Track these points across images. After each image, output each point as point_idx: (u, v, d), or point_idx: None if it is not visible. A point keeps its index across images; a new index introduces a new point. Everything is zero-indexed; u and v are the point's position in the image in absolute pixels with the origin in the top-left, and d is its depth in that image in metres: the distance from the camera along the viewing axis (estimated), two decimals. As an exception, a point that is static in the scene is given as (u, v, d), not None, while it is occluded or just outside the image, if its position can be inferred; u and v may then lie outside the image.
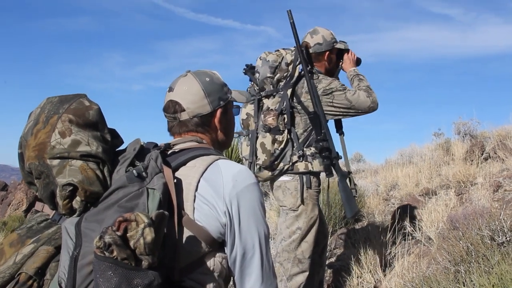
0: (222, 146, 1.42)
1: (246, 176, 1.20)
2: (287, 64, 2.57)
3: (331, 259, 3.72)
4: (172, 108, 1.32)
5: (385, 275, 2.97)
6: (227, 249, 1.18)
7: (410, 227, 3.41)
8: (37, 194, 1.15)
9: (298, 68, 2.57)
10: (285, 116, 2.52)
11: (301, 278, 2.53)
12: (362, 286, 2.96)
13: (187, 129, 1.33)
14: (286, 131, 2.51)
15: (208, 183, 1.16)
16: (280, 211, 2.71)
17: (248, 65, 2.74)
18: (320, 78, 2.59)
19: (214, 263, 1.16)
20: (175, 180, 1.15)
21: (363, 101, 2.55)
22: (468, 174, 4.39)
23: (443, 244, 2.46)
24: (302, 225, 2.52)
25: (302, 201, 2.52)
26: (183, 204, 1.14)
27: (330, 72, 2.74)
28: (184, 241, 1.12)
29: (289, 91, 2.54)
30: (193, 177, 1.17)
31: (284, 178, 2.56)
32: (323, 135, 2.46)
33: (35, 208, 1.29)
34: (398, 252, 3.07)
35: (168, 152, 1.27)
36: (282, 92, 2.56)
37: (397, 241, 3.29)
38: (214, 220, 1.15)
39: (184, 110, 1.31)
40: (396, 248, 3.26)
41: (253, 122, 2.63)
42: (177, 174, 1.18)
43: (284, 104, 2.53)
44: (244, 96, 1.46)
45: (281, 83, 2.59)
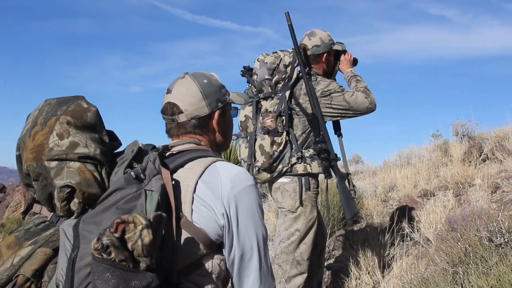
0: (220, 148, 1.42)
1: (244, 178, 1.20)
2: (285, 66, 2.57)
3: (330, 261, 3.72)
4: (170, 110, 1.32)
5: (383, 276, 2.97)
6: (225, 251, 1.18)
7: (408, 229, 3.41)
8: (35, 196, 1.15)
9: (296, 70, 2.57)
10: (284, 118, 2.52)
11: (299, 280, 2.53)
12: (361, 287, 2.97)
13: (185, 131, 1.33)
14: (285, 133, 2.51)
15: (206, 185, 1.16)
16: (278, 213, 2.71)
17: (246, 67, 2.74)
18: (318, 80, 2.59)
19: (212, 265, 1.16)
20: (173, 182, 1.15)
21: (361, 102, 2.56)
22: (466, 176, 4.39)
23: (441, 245, 2.46)
24: (300, 226, 2.52)
25: (301, 203, 2.52)
26: (181, 206, 1.14)
27: (328, 74, 2.75)
28: (182, 242, 1.12)
29: (287, 93, 2.54)
30: (191, 179, 1.17)
31: (282, 180, 2.56)
32: (321, 136, 2.46)
33: (33, 210, 1.29)
34: (396, 254, 3.07)
35: (166, 154, 1.27)
36: (280, 94, 2.56)
37: (396, 242, 3.30)
38: (212, 222, 1.15)
39: (182, 112, 1.31)
40: (394, 249, 3.26)
41: (251, 124, 2.63)
42: (175, 176, 1.18)
43: (283, 106, 2.53)
44: (242, 98, 1.46)
45: (279, 85, 2.59)
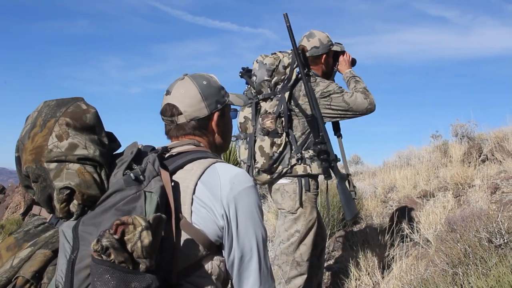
0: (220, 150, 1.42)
1: (244, 179, 1.20)
2: (285, 67, 2.57)
3: (330, 262, 3.72)
4: (170, 112, 1.32)
5: (383, 277, 2.97)
6: (225, 252, 1.18)
7: (408, 229, 3.41)
8: (34, 197, 1.15)
9: (295, 71, 2.57)
10: (283, 119, 2.52)
11: (299, 281, 2.52)
12: (361, 288, 2.97)
13: (185, 132, 1.33)
14: (284, 134, 2.52)
15: (205, 186, 1.16)
16: (278, 214, 2.71)
17: (245, 68, 2.73)
18: (317, 81, 2.59)
19: (212, 266, 1.16)
20: (173, 183, 1.15)
21: (360, 103, 2.56)
22: (466, 176, 4.39)
23: (441, 246, 2.46)
24: (300, 227, 2.52)
25: (301, 204, 2.52)
26: (181, 207, 1.14)
27: (327, 75, 2.75)
28: (181, 244, 1.12)
29: (287, 94, 2.55)
30: (190, 180, 1.17)
31: (282, 181, 2.56)
32: (321, 137, 2.46)
33: (32, 211, 1.29)
34: (396, 254, 3.07)
35: (166, 155, 1.27)
36: (279, 95, 2.56)
37: (395, 243, 3.29)
38: (212, 223, 1.15)
39: (181, 113, 1.31)
40: (394, 250, 3.26)
41: (251, 125, 2.63)
42: (175, 177, 1.18)
43: (282, 107, 2.53)
44: (242, 99, 1.46)
45: (279, 86, 2.59)
